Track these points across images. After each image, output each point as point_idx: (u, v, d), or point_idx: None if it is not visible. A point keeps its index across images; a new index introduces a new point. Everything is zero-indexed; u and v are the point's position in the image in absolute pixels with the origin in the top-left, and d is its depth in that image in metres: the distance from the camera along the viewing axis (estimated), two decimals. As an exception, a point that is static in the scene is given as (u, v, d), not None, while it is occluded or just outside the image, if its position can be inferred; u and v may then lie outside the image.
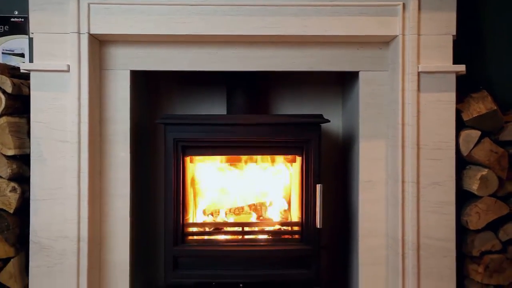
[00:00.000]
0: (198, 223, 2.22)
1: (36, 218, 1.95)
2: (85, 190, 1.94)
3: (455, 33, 1.98)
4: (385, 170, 2.09)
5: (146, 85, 2.41)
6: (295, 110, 2.47)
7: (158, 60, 2.05)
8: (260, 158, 2.26)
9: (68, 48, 1.94)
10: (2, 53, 2.31)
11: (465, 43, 2.19)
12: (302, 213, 2.11)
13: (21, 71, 1.97)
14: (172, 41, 2.04)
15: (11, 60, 2.29)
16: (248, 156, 2.26)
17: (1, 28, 2.30)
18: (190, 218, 2.21)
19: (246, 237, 2.16)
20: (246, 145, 2.14)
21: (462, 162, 2.06)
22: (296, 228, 2.17)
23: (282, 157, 2.27)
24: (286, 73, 2.16)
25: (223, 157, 2.26)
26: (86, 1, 1.92)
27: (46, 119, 1.95)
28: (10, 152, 1.91)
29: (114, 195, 2.05)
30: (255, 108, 2.32)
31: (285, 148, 2.17)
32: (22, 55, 2.31)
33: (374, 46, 2.07)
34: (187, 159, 2.16)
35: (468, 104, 2.04)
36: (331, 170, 2.44)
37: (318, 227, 2.07)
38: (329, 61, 2.07)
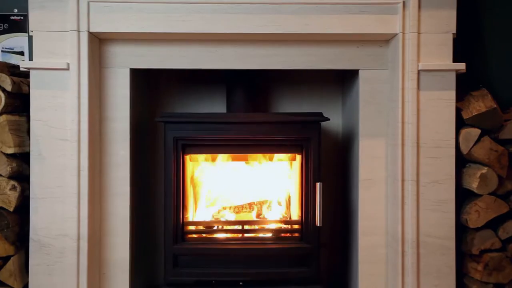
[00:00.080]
0: (198, 222, 2.22)
1: (36, 217, 1.95)
2: (85, 189, 1.94)
3: (455, 31, 1.98)
4: (385, 169, 2.09)
5: (146, 84, 2.41)
6: (295, 108, 2.47)
7: (158, 59, 2.05)
8: (260, 156, 2.26)
9: (68, 46, 1.94)
10: (2, 51, 2.30)
11: (465, 41, 2.19)
12: (302, 212, 2.11)
13: (21, 69, 1.97)
14: (172, 39, 2.04)
15: (11, 58, 2.29)
16: (248, 155, 2.26)
17: (1, 26, 2.30)
18: (190, 216, 2.21)
19: (246, 235, 2.16)
20: (246, 144, 2.14)
21: (462, 161, 2.06)
22: (296, 226, 2.17)
23: (282, 155, 2.27)
24: (286, 71, 2.16)
25: (223, 155, 2.26)
26: (86, -1, 1.93)
27: (46, 117, 1.95)
28: (10, 151, 1.91)
29: (114, 194, 2.05)
30: (255, 107, 2.32)
31: (285, 147, 2.17)
32: (22, 53, 2.31)
33: (374, 44, 2.07)
34: (187, 158, 2.16)
35: (468, 103, 2.04)
36: (331, 169, 2.44)
37: (318, 225, 2.07)
38: (329, 59, 2.07)
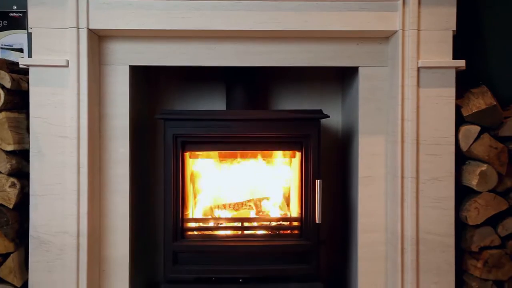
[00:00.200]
0: (198, 219, 2.22)
1: (36, 214, 1.95)
2: (85, 186, 1.94)
3: (455, 29, 1.98)
4: (385, 166, 2.09)
5: (146, 81, 2.41)
6: (295, 106, 2.47)
7: (158, 56, 2.05)
8: (260, 154, 2.26)
9: (67, 43, 1.93)
10: (1, 48, 2.30)
11: (465, 39, 2.18)
12: (302, 209, 2.11)
13: (20, 66, 1.97)
14: (171, 36, 2.03)
15: (10, 55, 2.28)
16: (248, 152, 2.26)
17: (0, 23, 2.29)
18: (190, 214, 2.21)
19: (246, 233, 2.16)
20: (246, 141, 2.14)
21: (462, 158, 2.06)
22: (296, 224, 2.17)
23: (282, 153, 2.27)
24: (286, 69, 2.16)
25: (223, 153, 2.26)
26: (85, -4, 1.92)
27: (45, 115, 1.95)
28: (10, 148, 1.91)
29: (114, 191, 2.05)
30: (255, 104, 2.32)
31: (285, 144, 2.17)
32: (21, 50, 2.31)
33: (374, 42, 2.07)
34: (187, 155, 2.16)
35: (468, 100, 2.04)
36: (331, 166, 2.45)
37: (318, 223, 2.07)
38: (329, 57, 2.07)
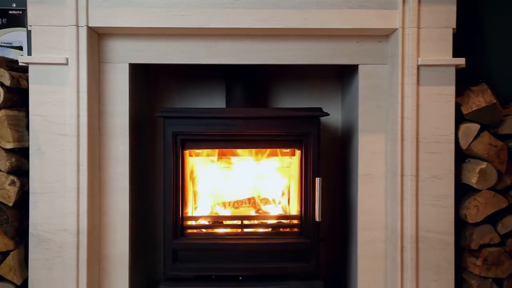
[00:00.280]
0: (198, 217, 2.22)
1: (36, 211, 1.95)
2: (84, 184, 1.94)
3: (455, 26, 1.98)
4: (384, 164, 2.09)
5: (145, 79, 2.41)
6: (295, 104, 2.47)
7: (157, 53, 2.05)
8: (259, 152, 2.26)
9: (67, 41, 1.93)
10: (0, 46, 2.30)
11: (465, 36, 2.18)
12: (301, 207, 2.12)
13: (20, 64, 1.97)
14: (171, 34, 2.03)
15: (9, 53, 2.28)
16: (247, 150, 2.26)
17: (-1, 21, 2.29)
18: (190, 212, 2.21)
19: (246, 230, 2.16)
20: (245, 139, 2.14)
21: (461, 156, 2.06)
22: (295, 222, 2.17)
23: (282, 151, 2.27)
24: (286, 66, 2.16)
25: (223, 151, 2.26)
26: (85, -6, 1.92)
27: (45, 112, 1.95)
28: (9, 146, 1.91)
29: (113, 189, 2.05)
30: (255, 102, 2.32)
31: (285, 142, 2.17)
32: (21, 48, 2.30)
33: (374, 39, 2.07)
34: (186, 153, 2.16)
35: (468, 98, 2.04)
36: (330, 164, 2.45)
37: (317, 220, 2.07)
38: (329, 55, 2.07)
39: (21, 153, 1.98)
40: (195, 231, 2.17)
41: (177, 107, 2.39)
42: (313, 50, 2.06)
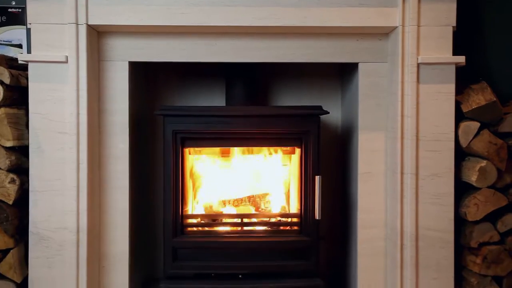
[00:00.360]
0: (197, 215, 2.22)
1: (36, 210, 1.95)
2: (84, 182, 1.94)
3: (455, 24, 1.97)
4: (384, 162, 2.09)
5: (145, 77, 2.40)
6: (294, 102, 2.47)
7: (157, 51, 2.04)
8: (259, 150, 2.26)
9: (66, 39, 1.93)
10: (0, 44, 2.29)
11: (465, 34, 2.18)
12: (301, 205, 2.12)
13: (19, 62, 1.96)
14: (171, 32, 2.03)
15: (9, 51, 2.28)
16: (247, 148, 2.26)
17: (-1, 19, 2.29)
18: (189, 210, 2.22)
19: (245, 229, 2.16)
20: (245, 137, 2.14)
21: (461, 154, 2.06)
22: (295, 220, 2.17)
23: (281, 149, 2.27)
24: (286, 65, 2.16)
25: (222, 149, 2.25)
26: (84, -8, 1.92)
27: (45, 111, 1.94)
28: (9, 144, 1.91)
29: (113, 187, 2.05)
30: (254, 100, 2.31)
31: (285, 140, 2.17)
32: (20, 46, 2.30)
33: (374, 38, 2.07)
34: (186, 151, 2.16)
35: (468, 96, 2.04)
36: (330, 162, 2.45)
37: (317, 219, 2.08)
38: (329, 53, 2.07)
39: (21, 151, 1.98)
40: (195, 229, 2.17)
41: (177, 105, 2.39)
42: (313, 48, 2.06)
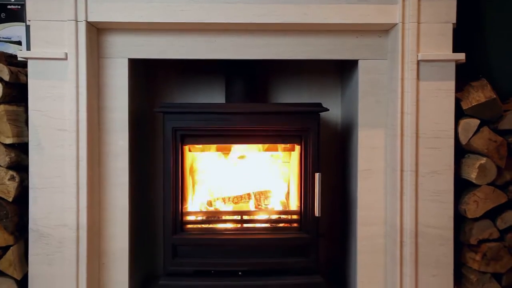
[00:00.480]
0: (197, 212, 2.22)
1: (35, 207, 1.95)
2: (84, 179, 1.94)
3: (455, 21, 1.97)
4: (384, 159, 2.09)
5: (145, 74, 2.40)
6: (294, 99, 2.47)
7: (157, 48, 2.04)
8: (259, 147, 2.26)
9: (66, 36, 1.92)
10: (-1, 41, 2.30)
11: (465, 32, 2.18)
12: (301, 202, 2.12)
13: (19, 59, 1.96)
14: (171, 29, 2.02)
15: (8, 48, 2.27)
16: (247, 145, 2.25)
17: (-2, 16, 2.29)
18: (189, 207, 2.22)
19: (245, 226, 2.17)
20: (245, 134, 2.14)
21: (461, 151, 2.06)
22: (295, 217, 2.18)
23: (281, 146, 2.27)
24: (285, 62, 2.15)
25: (222, 146, 2.25)
26: (84, -12, 1.91)
27: (44, 108, 1.94)
28: (8, 141, 1.91)
29: (113, 184, 2.05)
30: (254, 97, 2.31)
31: (284, 137, 2.17)
32: (19, 43, 2.30)
33: (374, 35, 2.06)
34: (186, 148, 2.16)
35: (468, 93, 2.04)
36: (330, 159, 2.45)
37: (317, 216, 2.08)
38: (328, 50, 2.06)
39: (21, 149, 1.98)
40: (195, 226, 2.17)
41: (177, 102, 2.39)
42: (313, 45, 2.06)
